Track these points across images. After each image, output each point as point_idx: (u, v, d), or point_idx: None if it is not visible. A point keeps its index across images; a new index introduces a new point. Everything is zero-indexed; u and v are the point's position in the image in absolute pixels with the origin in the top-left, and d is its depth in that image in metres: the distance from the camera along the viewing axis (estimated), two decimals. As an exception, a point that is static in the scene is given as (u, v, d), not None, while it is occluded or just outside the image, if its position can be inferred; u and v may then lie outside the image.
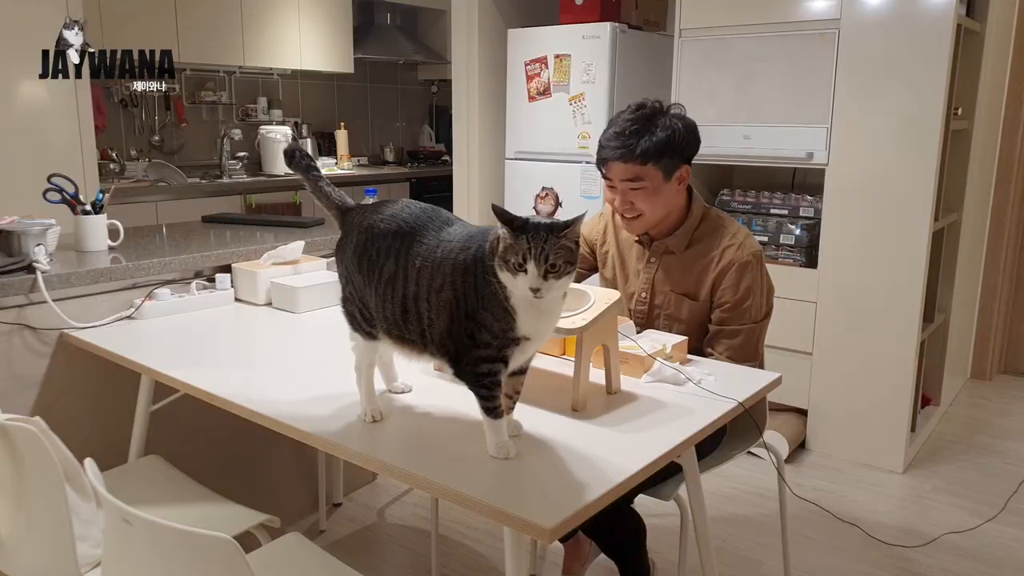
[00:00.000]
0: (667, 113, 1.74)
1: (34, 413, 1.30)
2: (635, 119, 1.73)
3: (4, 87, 3.07)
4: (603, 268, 1.99)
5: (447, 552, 2.32)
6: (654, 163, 1.71)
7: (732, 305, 1.76)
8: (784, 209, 3.07)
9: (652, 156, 1.71)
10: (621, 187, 1.76)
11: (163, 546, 1.04)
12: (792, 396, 3.04)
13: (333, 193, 1.37)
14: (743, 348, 1.76)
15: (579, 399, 1.36)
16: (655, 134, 1.70)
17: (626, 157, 1.72)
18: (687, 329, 1.80)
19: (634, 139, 1.71)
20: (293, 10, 4.82)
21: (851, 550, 2.35)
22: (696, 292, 1.81)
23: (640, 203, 1.76)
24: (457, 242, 1.20)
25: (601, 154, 1.77)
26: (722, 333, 1.77)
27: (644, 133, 1.71)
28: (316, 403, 1.40)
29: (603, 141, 1.77)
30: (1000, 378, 3.88)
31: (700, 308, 1.81)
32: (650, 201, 1.76)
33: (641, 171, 1.72)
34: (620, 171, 1.74)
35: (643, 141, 1.70)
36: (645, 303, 1.87)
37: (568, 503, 1.04)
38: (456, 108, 3.99)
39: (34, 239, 1.89)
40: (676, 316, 1.83)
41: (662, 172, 1.73)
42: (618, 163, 1.73)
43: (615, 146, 1.73)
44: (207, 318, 1.97)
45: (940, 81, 2.60)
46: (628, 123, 1.73)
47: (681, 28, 3.11)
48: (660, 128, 1.71)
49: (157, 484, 1.71)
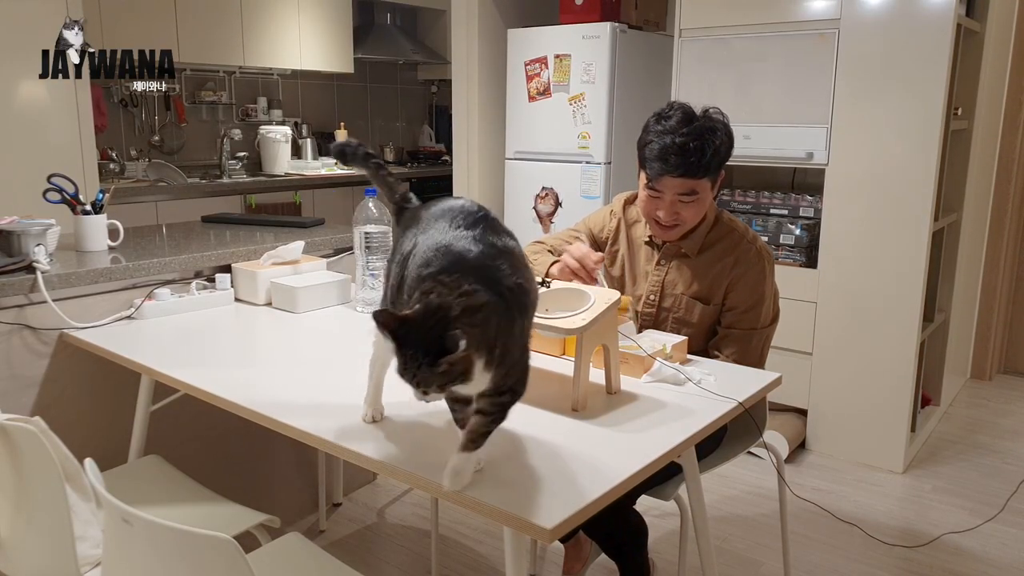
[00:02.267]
0: (714, 122, 1.71)
1: (34, 413, 1.31)
2: (692, 133, 1.67)
3: (4, 87, 3.07)
4: (611, 267, 1.97)
5: (447, 552, 2.32)
6: (710, 176, 1.71)
7: (744, 309, 1.76)
8: (784, 209, 3.07)
9: (712, 171, 1.70)
10: (671, 199, 1.73)
11: (163, 546, 1.04)
12: (792, 396, 3.04)
13: (397, 185, 1.29)
14: (750, 353, 1.76)
15: (579, 399, 1.36)
16: (714, 149, 1.68)
17: (689, 174, 1.68)
18: (695, 332, 1.80)
19: (696, 156, 1.67)
20: (293, 10, 4.82)
21: (851, 550, 2.35)
22: (709, 296, 1.80)
23: (686, 213, 1.74)
24: (431, 251, 1.08)
25: (658, 168, 1.70)
26: (730, 336, 1.77)
27: (705, 148, 1.67)
28: (316, 403, 1.40)
29: (659, 154, 1.69)
30: (1000, 378, 3.88)
31: (712, 312, 1.80)
32: (696, 210, 1.75)
33: (697, 185, 1.71)
34: (677, 186, 1.70)
35: (705, 159, 1.67)
36: (653, 305, 1.86)
37: (568, 503, 1.04)
38: (456, 108, 3.99)
39: (34, 239, 1.89)
40: (686, 320, 1.82)
41: (711, 183, 1.73)
42: (677, 179, 1.70)
43: (677, 163, 1.67)
44: (207, 318, 1.97)
45: (940, 81, 2.60)
46: (687, 138, 1.67)
47: (681, 28, 3.11)
48: (716, 140, 1.68)
49: (157, 484, 1.71)
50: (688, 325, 1.81)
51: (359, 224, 1.97)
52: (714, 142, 1.68)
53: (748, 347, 1.77)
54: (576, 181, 3.56)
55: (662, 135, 1.70)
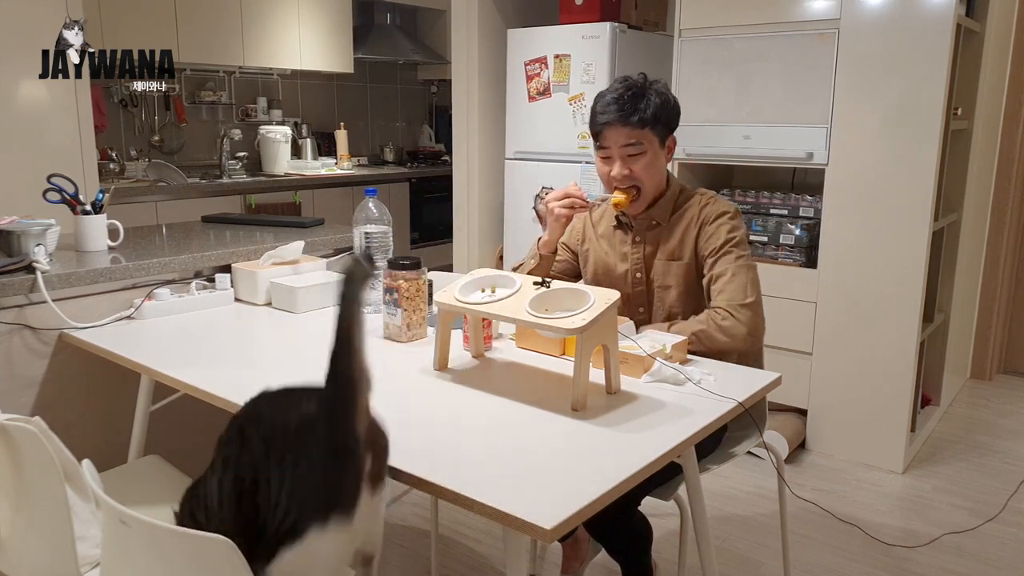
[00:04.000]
0: (655, 83, 1.79)
1: (34, 413, 1.30)
2: (628, 86, 1.76)
3: (4, 87, 3.07)
4: (585, 267, 1.97)
5: (447, 552, 2.32)
6: (651, 128, 1.75)
7: (716, 249, 1.76)
8: (784, 209, 3.07)
9: (650, 121, 1.74)
10: (620, 153, 1.76)
11: (162, 547, 1.04)
12: (792, 396, 3.04)
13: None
14: (740, 288, 1.70)
15: (579, 399, 1.36)
16: (651, 99, 1.75)
17: (626, 119, 1.73)
18: (678, 295, 1.82)
19: (632, 103, 1.74)
20: (293, 10, 4.82)
21: (851, 550, 2.35)
22: (681, 252, 1.81)
23: (639, 170, 1.77)
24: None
25: (599, 120, 1.77)
26: (713, 279, 1.76)
27: (641, 98, 1.74)
28: (316, 403, 1.40)
29: (599, 108, 1.77)
30: (1000, 378, 3.88)
31: (686, 269, 1.81)
32: (648, 169, 1.77)
33: (641, 135, 1.75)
34: (621, 135, 1.75)
35: (642, 105, 1.74)
36: (641, 283, 1.87)
37: (568, 503, 1.04)
38: (456, 108, 3.99)
39: (34, 239, 1.89)
40: (665, 284, 1.84)
41: (658, 138, 1.77)
42: (618, 127, 1.74)
43: (614, 110, 1.74)
44: (207, 318, 1.97)
45: (940, 81, 2.60)
46: (623, 90, 1.75)
47: (681, 28, 3.11)
48: (654, 94, 1.76)
49: (157, 484, 1.70)
50: (667, 288, 1.84)
51: (359, 224, 1.97)
52: (651, 95, 1.75)
53: (735, 284, 1.71)
54: (576, 181, 3.56)
55: (602, 96, 1.79)
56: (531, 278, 1.53)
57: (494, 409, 1.38)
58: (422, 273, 1.75)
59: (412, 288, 1.73)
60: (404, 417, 1.36)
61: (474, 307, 1.49)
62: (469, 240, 4.04)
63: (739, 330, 1.67)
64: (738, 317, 1.67)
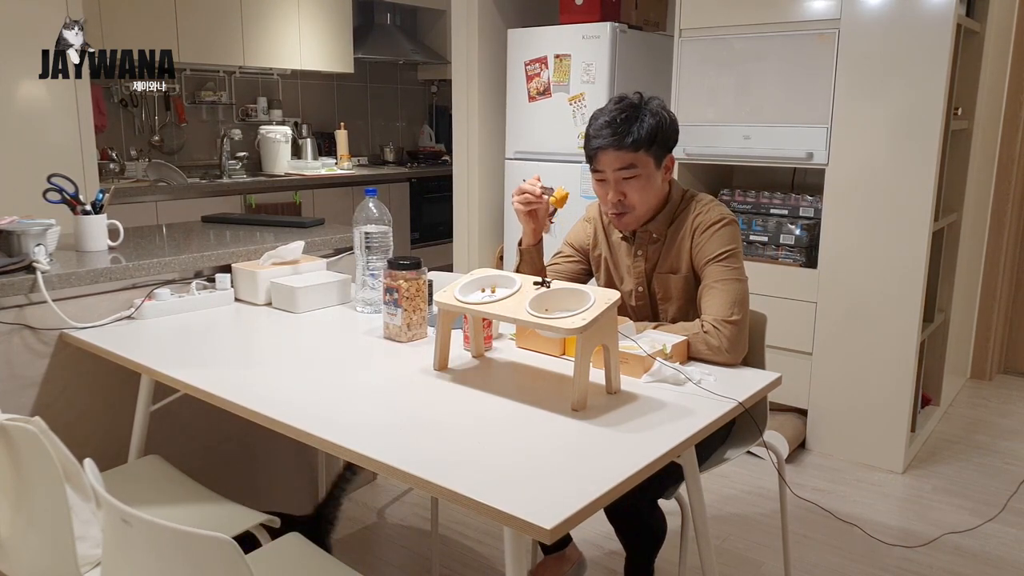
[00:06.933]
0: (650, 103, 1.76)
1: (34, 413, 1.31)
2: (622, 108, 1.73)
3: (4, 87, 3.07)
4: (597, 272, 1.98)
5: (447, 552, 2.32)
6: (646, 150, 1.72)
7: (707, 259, 1.75)
8: (784, 209, 3.07)
9: (644, 143, 1.71)
10: (614, 177, 1.75)
11: (162, 546, 1.03)
12: (792, 396, 3.04)
13: None
14: (726, 305, 1.68)
15: (579, 399, 1.36)
16: (645, 121, 1.71)
17: (619, 144, 1.71)
18: (678, 308, 1.81)
19: (625, 126, 1.71)
20: (293, 10, 4.82)
21: (851, 550, 2.35)
22: (678, 265, 1.81)
23: (632, 194, 1.75)
24: None
25: (592, 144, 1.75)
26: (703, 290, 1.74)
27: (634, 120, 1.71)
28: (316, 403, 1.40)
29: (593, 132, 1.75)
30: (1000, 378, 3.88)
31: (684, 281, 1.80)
32: (642, 192, 1.75)
33: (635, 158, 1.72)
34: (614, 160, 1.73)
35: (635, 128, 1.71)
36: (644, 298, 1.87)
37: (568, 503, 1.04)
38: (456, 108, 3.99)
39: (34, 239, 1.89)
40: (665, 297, 1.84)
41: (653, 160, 1.74)
42: (611, 151, 1.72)
43: (607, 134, 1.72)
44: (207, 318, 1.97)
45: (940, 81, 2.60)
46: (616, 112, 1.73)
47: (681, 28, 3.11)
48: (649, 115, 1.72)
49: (157, 484, 1.70)
50: (666, 300, 1.83)
51: (359, 224, 1.97)
52: (643, 116, 1.72)
53: (725, 298, 1.69)
54: (576, 181, 3.55)
55: (596, 118, 1.76)
56: (531, 278, 1.53)
57: (494, 409, 1.38)
58: (422, 273, 1.75)
59: (412, 288, 1.73)
60: (404, 417, 1.37)
61: (474, 307, 1.49)
62: (469, 240, 4.05)
63: (721, 346, 1.63)
64: (722, 333, 1.64)
